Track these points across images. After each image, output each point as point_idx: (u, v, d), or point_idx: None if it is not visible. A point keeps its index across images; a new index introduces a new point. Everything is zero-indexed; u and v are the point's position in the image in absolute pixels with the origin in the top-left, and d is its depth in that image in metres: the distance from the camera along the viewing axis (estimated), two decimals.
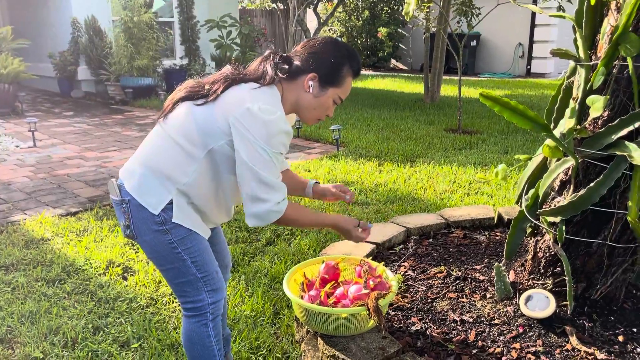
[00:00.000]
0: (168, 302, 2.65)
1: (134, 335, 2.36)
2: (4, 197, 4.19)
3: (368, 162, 5.26)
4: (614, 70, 1.82)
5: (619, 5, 1.82)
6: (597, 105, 1.78)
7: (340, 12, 16.81)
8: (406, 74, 15.37)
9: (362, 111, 8.30)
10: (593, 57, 1.90)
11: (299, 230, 3.50)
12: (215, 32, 10.41)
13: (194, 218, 1.65)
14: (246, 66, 1.70)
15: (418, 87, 11.44)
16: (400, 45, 17.32)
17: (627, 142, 1.76)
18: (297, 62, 1.65)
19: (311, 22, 16.18)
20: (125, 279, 2.89)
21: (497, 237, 2.83)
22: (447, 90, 10.75)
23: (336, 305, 1.87)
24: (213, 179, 1.63)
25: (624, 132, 1.76)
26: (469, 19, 6.39)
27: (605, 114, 1.87)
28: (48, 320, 2.43)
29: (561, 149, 1.87)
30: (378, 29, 16.52)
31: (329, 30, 17.48)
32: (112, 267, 2.98)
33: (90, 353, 2.23)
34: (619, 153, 1.78)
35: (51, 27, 10.35)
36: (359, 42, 17.01)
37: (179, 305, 2.60)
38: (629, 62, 1.76)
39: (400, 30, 16.58)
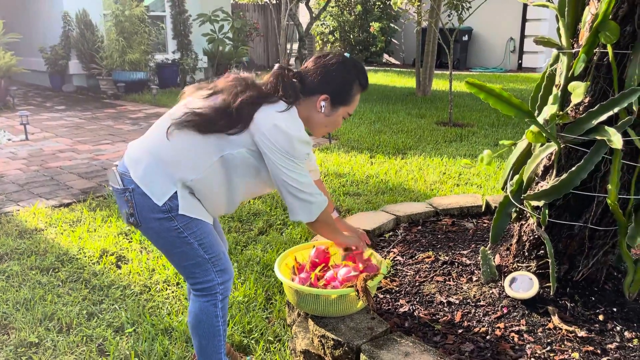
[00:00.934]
0: (162, 289, 2.69)
1: (128, 320, 2.40)
2: None
3: (360, 155, 5.31)
4: (595, 58, 1.88)
5: None
6: (578, 92, 1.84)
7: (332, 7, 16.82)
8: (398, 69, 15.42)
9: None
10: (575, 45, 1.95)
11: (291, 223, 3.55)
12: (207, 26, 10.42)
13: (197, 206, 1.69)
14: (254, 74, 1.75)
15: (410, 81, 11.49)
16: (393, 40, 17.37)
17: (606, 127, 1.81)
18: (309, 81, 1.71)
19: (304, 16, 16.17)
20: (119, 267, 2.92)
21: (485, 224, 2.89)
22: (439, 84, 10.81)
23: (326, 287, 1.92)
24: (222, 180, 1.67)
25: (604, 117, 1.82)
26: (459, 12, 6.44)
27: (587, 100, 1.93)
28: (43, 307, 2.47)
29: (544, 134, 1.92)
30: (370, 24, 16.54)
31: (321, 24, 17.49)
32: (106, 256, 3.02)
33: (85, 338, 2.27)
34: (599, 138, 1.83)
35: (42, 21, 10.31)
36: (351, 36, 17.03)
37: (172, 292, 2.66)
38: (609, 49, 1.82)
39: (392, 25, 16.62)
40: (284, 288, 2.22)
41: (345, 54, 1.83)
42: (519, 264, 2.17)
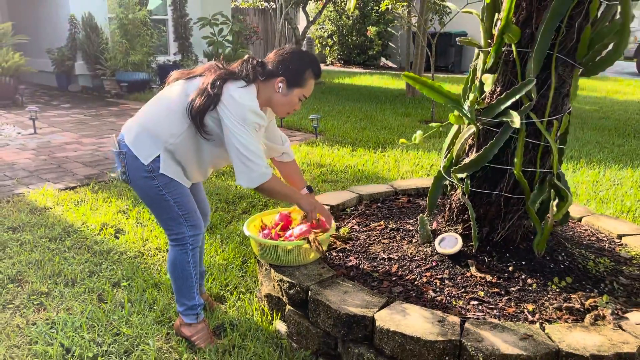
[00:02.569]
0: (153, 255, 3.11)
1: (124, 277, 2.83)
2: (9, 175, 4.65)
3: (342, 148, 5.73)
4: (503, 55, 2.30)
5: None
6: (488, 82, 2.26)
7: (331, 11, 17.27)
8: (394, 72, 15.84)
9: (344, 104, 8.78)
10: (490, 45, 2.37)
11: (272, 202, 3.97)
12: (207, 29, 10.87)
13: (176, 170, 2.12)
14: (230, 63, 2.17)
15: (402, 84, 11.91)
16: (390, 43, 17.81)
17: (511, 111, 2.23)
18: (269, 67, 2.12)
19: (303, 20, 16.64)
20: (117, 237, 3.35)
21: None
22: None
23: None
24: (194, 144, 2.10)
25: (509, 103, 2.23)
26: (441, 17, 6.86)
27: (498, 89, 2.35)
28: (51, 266, 2.90)
29: (464, 117, 2.34)
30: (368, 28, 16.99)
31: (320, 28, 17.95)
32: (106, 228, 3.45)
33: (87, 289, 2.70)
34: (505, 119, 2.25)
35: (49, 24, 10.78)
36: (349, 40, 17.48)
37: (162, 257, 3.08)
38: (513, 47, 2.24)
39: (389, 29, 17.07)
40: (251, 243, 2.63)
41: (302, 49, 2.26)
42: (449, 227, 2.58)
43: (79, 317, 2.42)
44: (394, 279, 2.34)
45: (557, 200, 2.39)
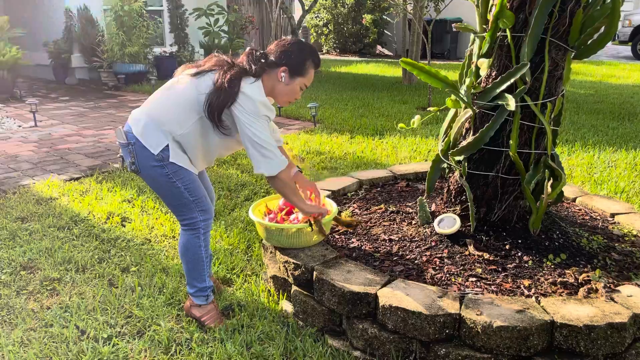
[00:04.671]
0: (160, 241, 3.20)
1: (133, 262, 2.91)
2: (13, 167, 4.71)
3: (341, 136, 5.80)
4: (498, 40, 2.37)
5: None
6: (484, 66, 2.33)
7: (326, 0, 17.24)
8: (391, 59, 15.86)
9: (342, 93, 8.83)
10: (486, 30, 2.44)
11: (274, 190, 4.05)
12: (203, 20, 10.88)
13: (184, 159, 2.19)
14: (235, 57, 2.23)
15: (399, 71, 11.95)
16: (386, 31, 17.80)
17: (506, 94, 2.31)
18: (272, 58, 2.19)
19: (298, 9, 16.61)
20: (123, 226, 3.43)
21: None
22: None
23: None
24: (202, 136, 2.17)
25: (504, 86, 2.31)
26: (436, 4, 6.90)
27: (494, 73, 2.42)
28: (62, 253, 2.98)
29: (460, 101, 2.42)
30: (363, 16, 16.98)
31: (315, 17, 17.91)
32: (113, 217, 3.53)
33: (97, 275, 2.78)
34: (500, 103, 2.33)
35: (45, 17, 10.76)
36: (344, 29, 17.47)
37: (169, 243, 3.16)
38: (508, 32, 2.31)
39: (385, 17, 17.06)
40: (256, 227, 2.71)
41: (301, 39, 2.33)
42: (447, 209, 2.67)
43: (91, 301, 2.50)
44: (395, 258, 2.43)
45: (551, 181, 2.48)
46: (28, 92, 9.51)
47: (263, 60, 2.18)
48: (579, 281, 2.19)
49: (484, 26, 2.46)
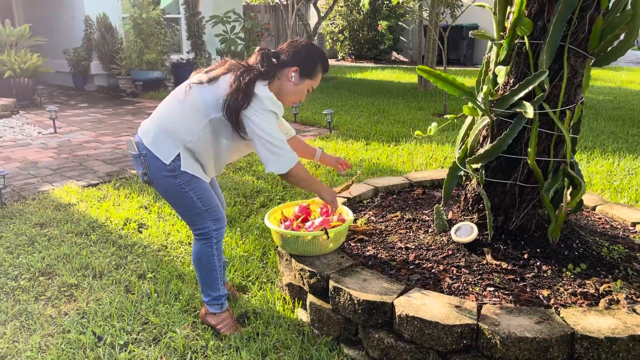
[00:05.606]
0: (176, 247, 3.21)
1: (149, 269, 2.93)
2: (33, 173, 4.78)
3: (356, 142, 5.80)
4: (516, 47, 2.34)
5: None
6: (501, 74, 2.31)
7: (341, 7, 17.29)
8: (406, 66, 15.83)
9: (357, 99, 8.83)
10: (503, 37, 2.42)
11: (289, 195, 4.05)
12: (220, 27, 10.98)
13: (196, 167, 2.20)
14: (247, 58, 2.24)
15: (414, 77, 11.92)
16: (401, 38, 17.78)
17: (524, 102, 2.28)
18: (283, 57, 2.20)
19: (315, 17, 16.67)
20: (140, 232, 3.46)
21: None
22: None
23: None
24: (212, 140, 2.17)
25: (522, 94, 2.28)
26: (452, 10, 6.88)
27: (511, 80, 2.40)
28: (79, 259, 3.01)
29: (477, 109, 2.40)
30: (379, 22, 16.98)
31: (330, 24, 17.96)
32: (129, 223, 3.56)
33: (114, 281, 2.80)
34: (518, 110, 2.30)
35: (65, 25, 10.96)
36: (360, 35, 17.49)
37: (185, 250, 3.17)
38: (526, 40, 2.29)
39: (400, 23, 17.04)
40: (272, 234, 2.71)
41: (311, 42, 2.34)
42: (464, 217, 2.64)
43: (108, 307, 2.52)
44: (411, 267, 2.40)
45: (570, 189, 2.44)
46: (48, 98, 9.67)
47: (274, 60, 2.18)
48: (600, 292, 2.15)
49: (502, 33, 2.44)
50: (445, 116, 2.74)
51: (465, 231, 2.51)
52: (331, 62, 17.91)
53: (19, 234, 3.37)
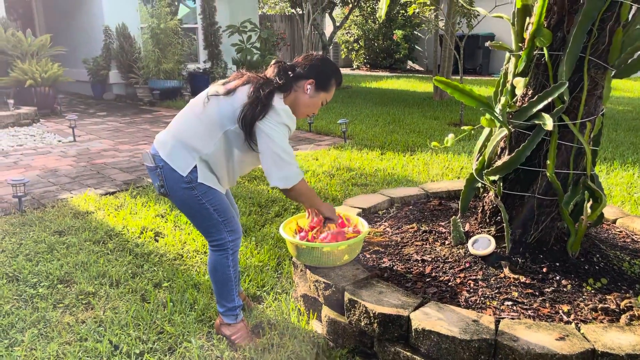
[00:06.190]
0: (192, 257, 3.23)
1: (165, 278, 2.94)
2: (52, 181, 4.85)
3: (371, 152, 5.78)
4: (535, 58, 2.32)
5: None
6: (520, 85, 2.29)
7: (357, 16, 17.36)
8: (421, 75, 15.80)
9: (372, 108, 8.83)
10: (522, 48, 2.40)
11: (304, 207, 4.05)
12: (236, 37, 11.08)
13: (212, 179, 2.21)
14: (264, 70, 2.26)
15: (430, 87, 11.89)
16: (417, 47, 17.78)
17: (543, 114, 2.26)
18: (299, 70, 2.22)
19: (329, 26, 16.75)
20: (156, 240, 3.48)
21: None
22: None
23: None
24: (226, 152, 2.19)
25: (541, 105, 2.26)
26: (469, 20, 6.86)
27: (530, 92, 2.38)
28: (97, 268, 3.03)
29: (495, 120, 2.38)
30: (394, 32, 17.01)
31: (346, 33, 18.03)
32: (146, 231, 3.58)
33: (130, 289, 2.82)
34: (537, 122, 2.28)
35: (85, 35, 11.15)
36: (375, 44, 17.52)
37: (200, 259, 3.18)
38: (545, 51, 2.27)
39: (416, 32, 17.05)
40: (287, 245, 2.71)
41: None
42: (482, 229, 2.61)
43: (124, 316, 2.53)
44: (427, 280, 2.38)
45: (591, 202, 2.40)
46: (68, 107, 9.83)
47: (290, 73, 2.20)
48: (621, 307, 2.10)
49: (520, 44, 2.42)
50: (462, 127, 2.72)
51: (483, 244, 2.49)
52: (346, 71, 17.97)
53: (39, 241, 3.41)
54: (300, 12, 12.05)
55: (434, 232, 2.83)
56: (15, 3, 11.84)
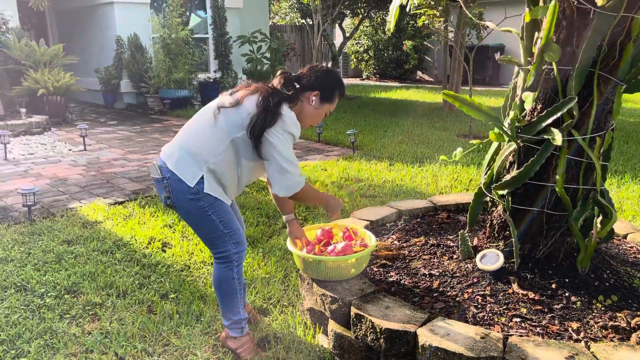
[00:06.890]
0: (199, 268, 3.23)
1: (172, 289, 2.94)
2: (62, 190, 4.89)
3: (380, 163, 5.77)
4: (544, 73, 2.31)
5: None
6: (528, 100, 2.28)
7: (367, 27, 17.41)
8: (431, 85, 15.79)
9: (381, 119, 8.82)
10: (531, 63, 2.39)
11: (312, 216, 4.05)
12: (246, 47, 11.16)
13: (218, 189, 2.22)
14: (271, 81, 2.28)
15: (439, 97, 11.88)
16: (426, 57, 17.78)
17: (552, 128, 2.24)
18: (304, 81, 2.24)
19: (339, 36, 16.81)
20: (164, 251, 3.49)
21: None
22: None
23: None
24: (233, 161, 2.19)
25: (550, 120, 2.25)
26: (478, 32, 6.85)
27: (539, 106, 2.36)
28: (104, 278, 3.04)
29: (504, 134, 2.36)
30: (404, 42, 17.04)
31: (356, 43, 18.09)
32: (154, 242, 3.59)
33: (137, 300, 2.82)
34: (546, 137, 2.26)
35: (97, 45, 11.28)
36: (384, 54, 17.55)
37: (207, 270, 3.18)
38: (554, 65, 2.26)
39: (425, 43, 17.06)
40: (294, 258, 2.70)
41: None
42: (490, 244, 2.59)
43: (130, 327, 2.53)
44: (435, 294, 2.36)
45: (601, 217, 2.38)
46: (79, 116, 9.92)
47: (297, 84, 2.21)
48: (632, 325, 2.07)
49: (529, 58, 2.41)
50: (470, 141, 2.71)
51: (491, 259, 2.46)
52: (355, 81, 18.00)
53: (47, 250, 3.43)
54: (311, 23, 12.11)
55: (442, 245, 2.81)
56: (29, 13, 12.02)
